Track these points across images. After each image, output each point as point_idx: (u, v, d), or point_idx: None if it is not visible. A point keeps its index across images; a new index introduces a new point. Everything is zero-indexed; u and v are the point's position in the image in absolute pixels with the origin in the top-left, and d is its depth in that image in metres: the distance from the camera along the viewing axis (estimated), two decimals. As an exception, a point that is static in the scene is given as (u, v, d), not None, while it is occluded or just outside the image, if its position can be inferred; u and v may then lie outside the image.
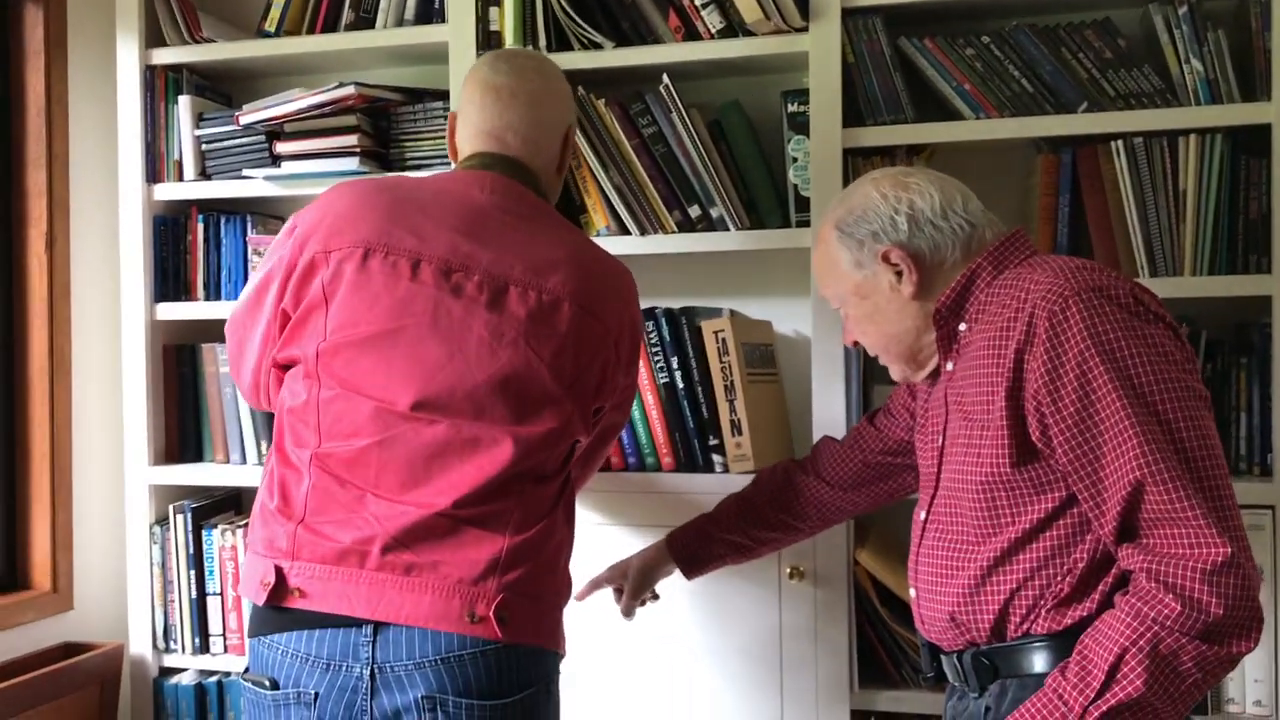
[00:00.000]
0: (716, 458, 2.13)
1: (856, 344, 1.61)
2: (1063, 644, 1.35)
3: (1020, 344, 1.35)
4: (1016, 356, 1.35)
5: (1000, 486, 1.39)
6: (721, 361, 2.11)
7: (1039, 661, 1.38)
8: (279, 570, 1.48)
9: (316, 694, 1.45)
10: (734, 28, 2.11)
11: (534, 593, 1.50)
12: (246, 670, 1.54)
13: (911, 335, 1.52)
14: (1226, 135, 1.96)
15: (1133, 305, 1.32)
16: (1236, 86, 1.96)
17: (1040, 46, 2.02)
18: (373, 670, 1.44)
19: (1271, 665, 1.91)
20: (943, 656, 1.52)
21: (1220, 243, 1.97)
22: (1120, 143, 1.98)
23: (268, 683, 1.48)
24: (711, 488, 2.08)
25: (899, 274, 1.48)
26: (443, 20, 2.28)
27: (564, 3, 2.14)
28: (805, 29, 2.08)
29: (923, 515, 1.54)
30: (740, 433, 2.10)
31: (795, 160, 2.14)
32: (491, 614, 1.44)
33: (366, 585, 1.45)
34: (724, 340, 2.11)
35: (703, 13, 2.11)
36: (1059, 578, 1.37)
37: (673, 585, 2.08)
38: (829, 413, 2.08)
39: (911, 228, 1.47)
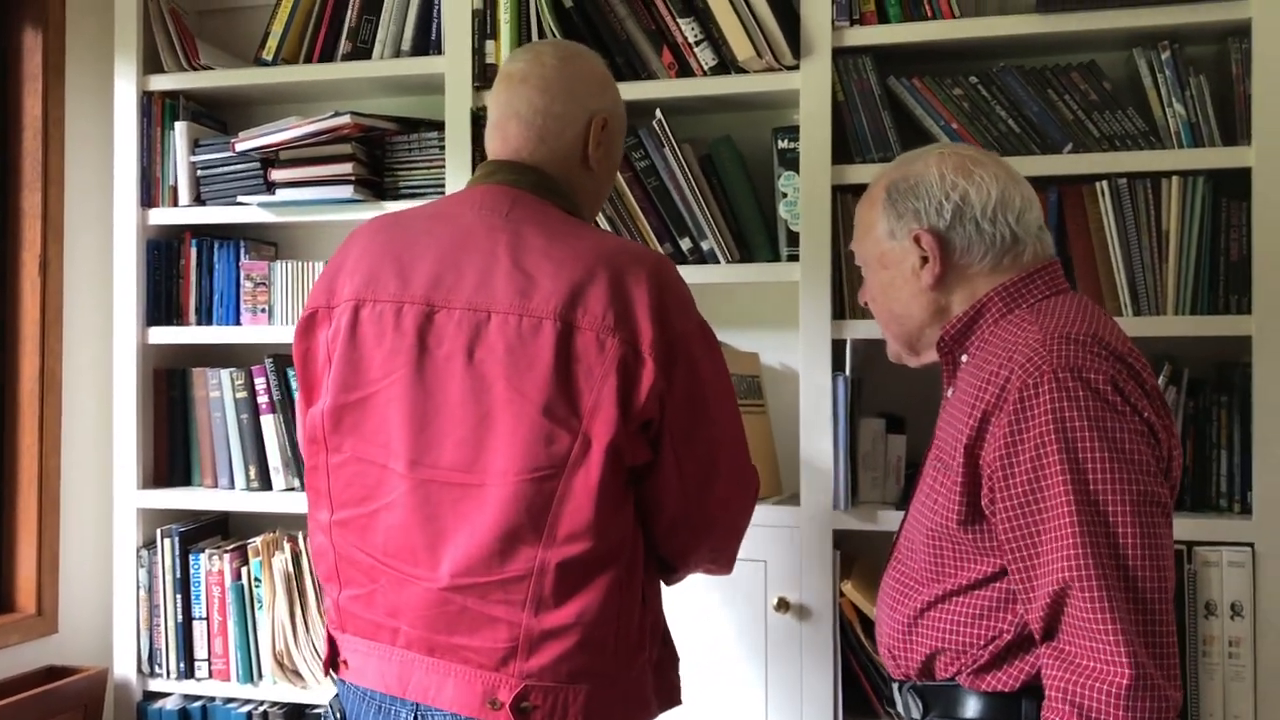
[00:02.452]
0: (704, 488, 2.14)
1: (866, 305, 1.60)
2: (990, 700, 1.36)
3: (990, 406, 1.32)
4: (984, 416, 1.32)
5: (946, 540, 1.38)
6: (710, 393, 2.12)
7: (969, 708, 1.37)
8: (332, 641, 1.54)
9: None
10: (726, 65, 2.15)
11: (575, 674, 1.37)
12: (336, 696, 1.58)
13: (915, 322, 1.50)
14: (1208, 178, 2.00)
15: (1110, 394, 1.27)
16: (1218, 130, 2.00)
17: (1027, 87, 2.06)
18: (416, 716, 1.43)
19: (1251, 704, 1.93)
20: (894, 685, 1.53)
21: (1202, 283, 2.01)
22: (1105, 183, 2.02)
23: (339, 714, 1.54)
24: (699, 518, 2.10)
25: (924, 260, 1.45)
26: (439, 52, 2.30)
27: (559, 37, 2.17)
28: (796, 67, 2.11)
29: (895, 540, 1.55)
30: (728, 464, 2.11)
31: (785, 196, 2.17)
32: (509, 705, 1.37)
33: (397, 663, 1.44)
34: (713, 372, 2.12)
35: (696, 50, 2.14)
36: (980, 644, 1.36)
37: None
38: (816, 444, 2.10)
39: (954, 219, 1.42)
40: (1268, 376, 1.94)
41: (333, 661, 1.54)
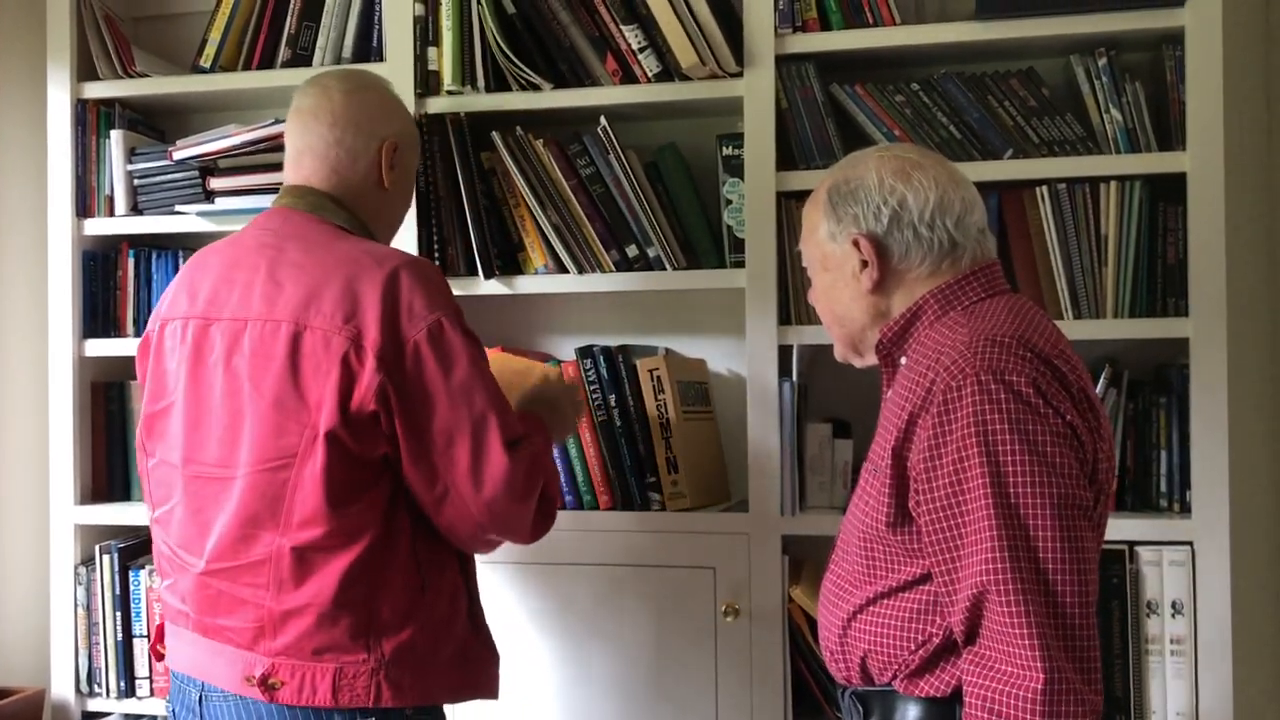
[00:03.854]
0: (653, 495, 2.14)
1: (812, 305, 1.60)
2: (926, 706, 1.36)
3: (917, 408, 1.33)
4: (911, 417, 1.33)
5: (877, 541, 1.39)
6: (657, 399, 2.12)
7: (907, 714, 1.38)
8: (160, 629, 1.71)
9: (174, 710, 1.65)
10: (670, 72, 2.15)
11: (320, 651, 1.48)
12: None
13: (857, 324, 1.50)
14: (1145, 183, 2.03)
15: (1031, 396, 1.27)
16: (1154, 136, 2.03)
17: (967, 94, 2.08)
18: (201, 696, 1.58)
19: (1192, 700, 1.96)
20: (838, 689, 1.53)
21: (1140, 286, 2.03)
22: (1044, 188, 2.04)
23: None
24: (649, 525, 2.09)
25: (864, 264, 1.44)
26: (381, 59, 2.28)
27: (502, 44, 2.16)
28: (740, 74, 2.12)
29: (835, 542, 1.56)
30: (676, 470, 2.12)
31: (730, 202, 2.17)
32: (258, 680, 1.49)
33: (189, 645, 1.60)
34: (659, 378, 2.12)
35: (639, 56, 2.14)
36: (911, 648, 1.36)
37: (610, 624, 2.09)
38: (764, 450, 2.10)
39: (891, 224, 1.42)
40: (1205, 377, 1.97)
41: (158, 647, 1.71)
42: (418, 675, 1.52)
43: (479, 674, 1.62)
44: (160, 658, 1.71)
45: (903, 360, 1.46)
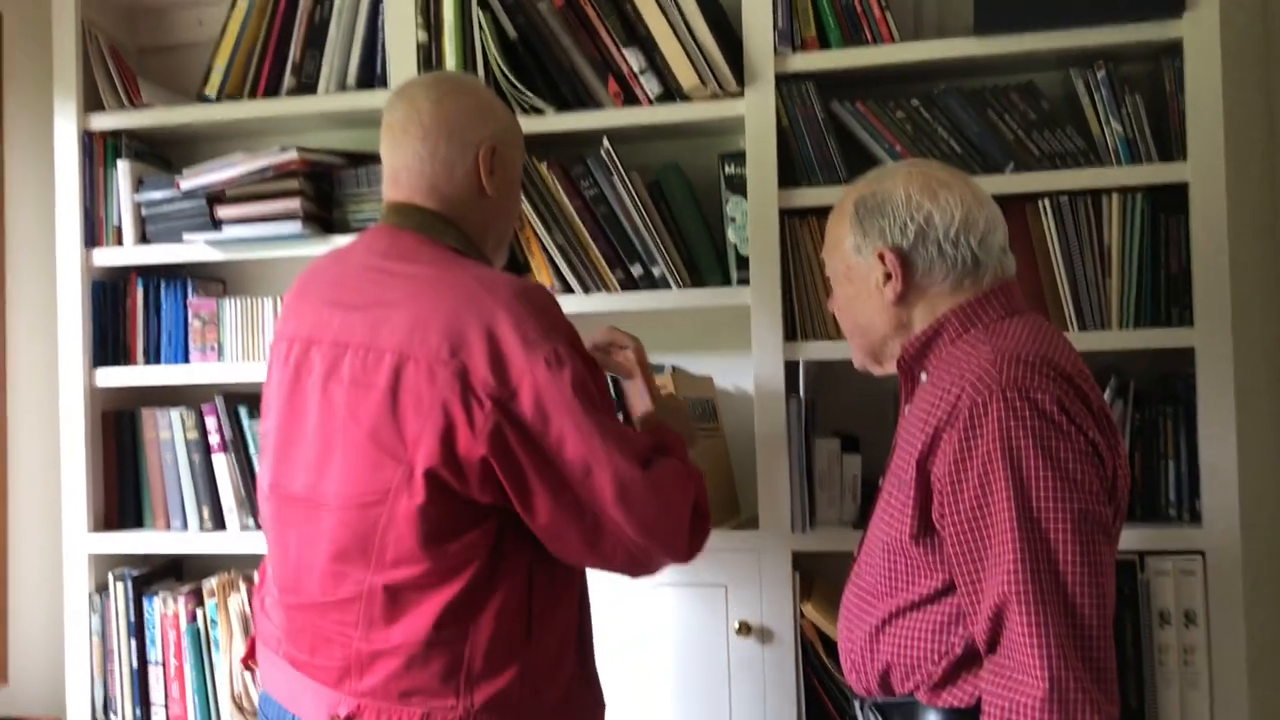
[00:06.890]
0: (662, 514, 2.14)
1: (834, 314, 1.62)
2: (948, 716, 1.37)
3: (942, 422, 1.35)
4: (936, 431, 1.35)
5: (900, 554, 1.41)
6: (665, 419, 2.13)
7: None
8: (252, 641, 1.68)
9: None
10: (671, 93, 2.16)
11: (407, 695, 1.41)
12: None
13: (878, 334, 1.52)
14: (1146, 194, 2.03)
15: (1055, 414, 1.30)
16: (1154, 147, 2.03)
17: (967, 109, 2.09)
18: None
19: (1208, 710, 1.96)
20: (855, 701, 1.54)
21: (1144, 297, 2.04)
22: (1047, 201, 2.05)
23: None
24: (658, 545, 2.10)
25: (888, 276, 1.47)
26: (384, 86, 2.30)
27: (505, 69, 2.18)
28: (740, 94, 2.13)
29: (856, 555, 1.57)
30: (685, 489, 2.12)
31: (733, 220, 2.18)
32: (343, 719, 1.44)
33: (280, 672, 1.55)
34: (667, 397, 2.13)
35: (641, 79, 2.15)
36: (934, 659, 1.38)
37: (620, 638, 2.09)
38: (772, 466, 2.11)
39: (918, 240, 1.44)
40: (1210, 386, 1.97)
41: (249, 663, 1.70)
42: None
43: None
44: (250, 670, 1.73)
45: (923, 376, 1.48)
